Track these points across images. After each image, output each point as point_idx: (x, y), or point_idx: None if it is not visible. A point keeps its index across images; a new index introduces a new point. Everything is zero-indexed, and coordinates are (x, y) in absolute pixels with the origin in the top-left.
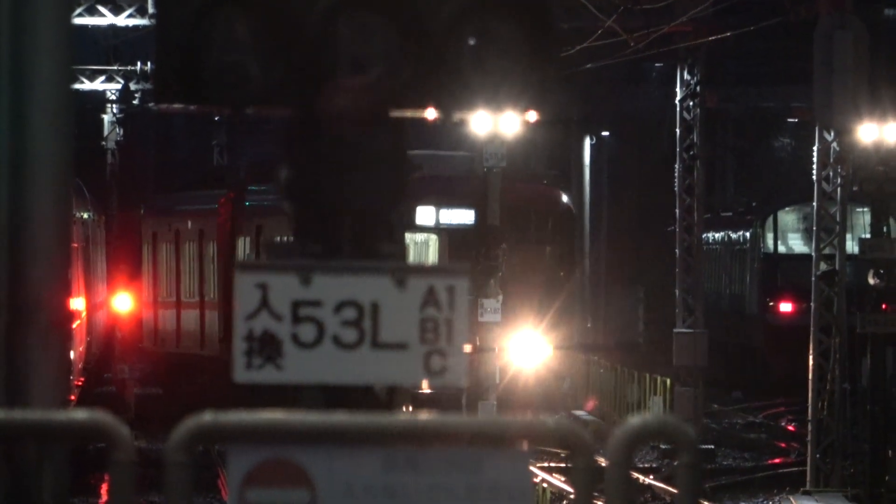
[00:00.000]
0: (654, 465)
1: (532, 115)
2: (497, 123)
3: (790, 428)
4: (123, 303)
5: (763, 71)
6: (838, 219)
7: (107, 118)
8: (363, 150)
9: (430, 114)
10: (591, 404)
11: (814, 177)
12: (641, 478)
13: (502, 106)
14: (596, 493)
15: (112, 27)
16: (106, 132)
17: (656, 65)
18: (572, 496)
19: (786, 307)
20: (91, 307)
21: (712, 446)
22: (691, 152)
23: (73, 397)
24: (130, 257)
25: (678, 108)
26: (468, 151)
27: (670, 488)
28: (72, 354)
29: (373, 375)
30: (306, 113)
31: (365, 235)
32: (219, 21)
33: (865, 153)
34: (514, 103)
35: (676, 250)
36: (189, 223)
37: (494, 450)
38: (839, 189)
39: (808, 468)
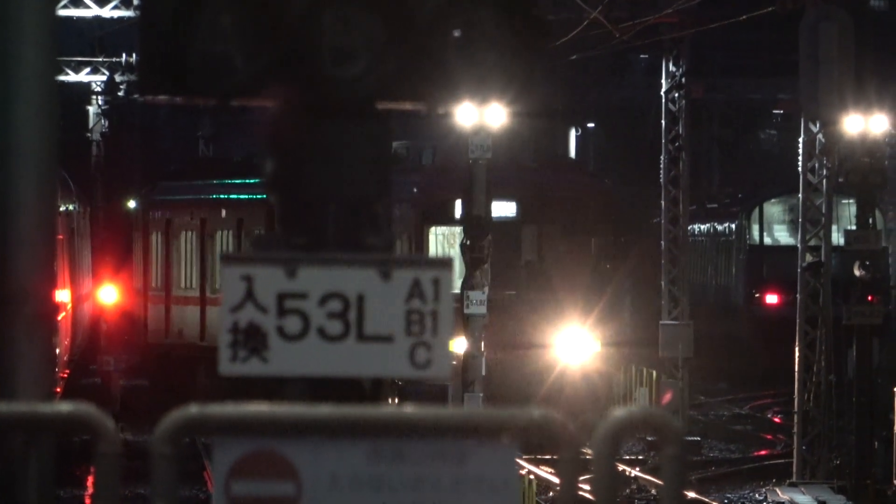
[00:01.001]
0: (641, 457)
1: (521, 107)
2: (483, 115)
3: (776, 419)
4: (109, 294)
5: (749, 62)
6: (824, 210)
7: (92, 110)
8: (347, 142)
9: (415, 106)
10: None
11: (799, 168)
12: (627, 469)
13: (487, 98)
14: (581, 485)
15: (97, 18)
16: (91, 124)
17: (641, 56)
18: (558, 487)
19: (772, 299)
20: (76, 299)
21: (698, 438)
22: (677, 143)
23: (58, 389)
24: (116, 249)
25: (663, 100)
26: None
27: (656, 480)
28: (57, 347)
29: (358, 367)
30: (291, 104)
31: (350, 227)
32: (203, 12)
33: (851, 144)
34: (500, 95)
35: (662, 242)
36: (223, 212)
37: (480, 441)
38: (825, 180)
39: (795, 460)
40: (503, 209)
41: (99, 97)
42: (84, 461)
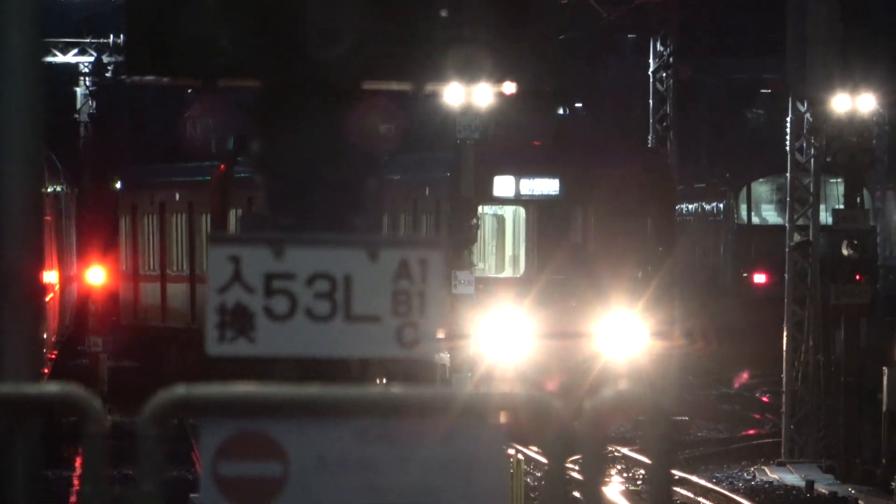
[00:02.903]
0: (629, 436)
1: (509, 88)
2: (471, 95)
3: (764, 399)
4: (97, 276)
5: (737, 42)
6: (812, 190)
7: (79, 91)
8: (334, 123)
9: (402, 86)
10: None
11: (787, 148)
12: (616, 449)
13: (475, 78)
14: (570, 465)
15: None
16: (79, 105)
17: (629, 36)
18: (546, 467)
19: (760, 278)
20: (64, 280)
21: (686, 418)
22: (664, 124)
23: (46, 371)
24: (104, 230)
25: (651, 80)
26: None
27: (646, 459)
28: (44, 328)
29: (346, 348)
30: (277, 85)
31: (337, 207)
32: None
33: (839, 124)
34: (488, 76)
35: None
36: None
37: (469, 422)
38: (813, 160)
39: (783, 439)
40: (544, 186)
41: (86, 78)
42: (72, 442)
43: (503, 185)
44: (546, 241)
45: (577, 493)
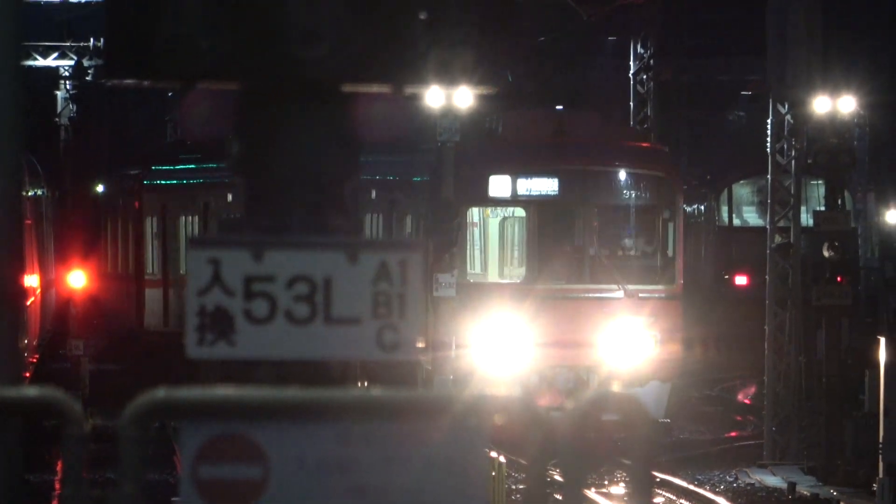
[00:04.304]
0: (612, 438)
1: (490, 90)
2: (451, 97)
3: (746, 401)
4: (78, 279)
5: (717, 43)
6: (793, 191)
7: (60, 95)
8: (314, 124)
9: (382, 88)
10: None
11: (768, 149)
12: (603, 453)
13: (455, 80)
14: (551, 467)
15: (65, 3)
16: (59, 109)
17: (610, 38)
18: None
19: (741, 280)
20: (45, 284)
21: (668, 420)
22: (645, 125)
23: (27, 374)
24: (85, 233)
25: (632, 82)
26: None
27: (627, 461)
28: (26, 331)
29: (326, 350)
30: (258, 86)
31: (316, 210)
32: None
33: (819, 125)
34: (467, 77)
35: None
36: None
37: (449, 424)
38: (793, 162)
39: (765, 441)
40: (543, 186)
41: (67, 82)
42: (54, 445)
43: (499, 184)
44: (546, 244)
45: (558, 496)
